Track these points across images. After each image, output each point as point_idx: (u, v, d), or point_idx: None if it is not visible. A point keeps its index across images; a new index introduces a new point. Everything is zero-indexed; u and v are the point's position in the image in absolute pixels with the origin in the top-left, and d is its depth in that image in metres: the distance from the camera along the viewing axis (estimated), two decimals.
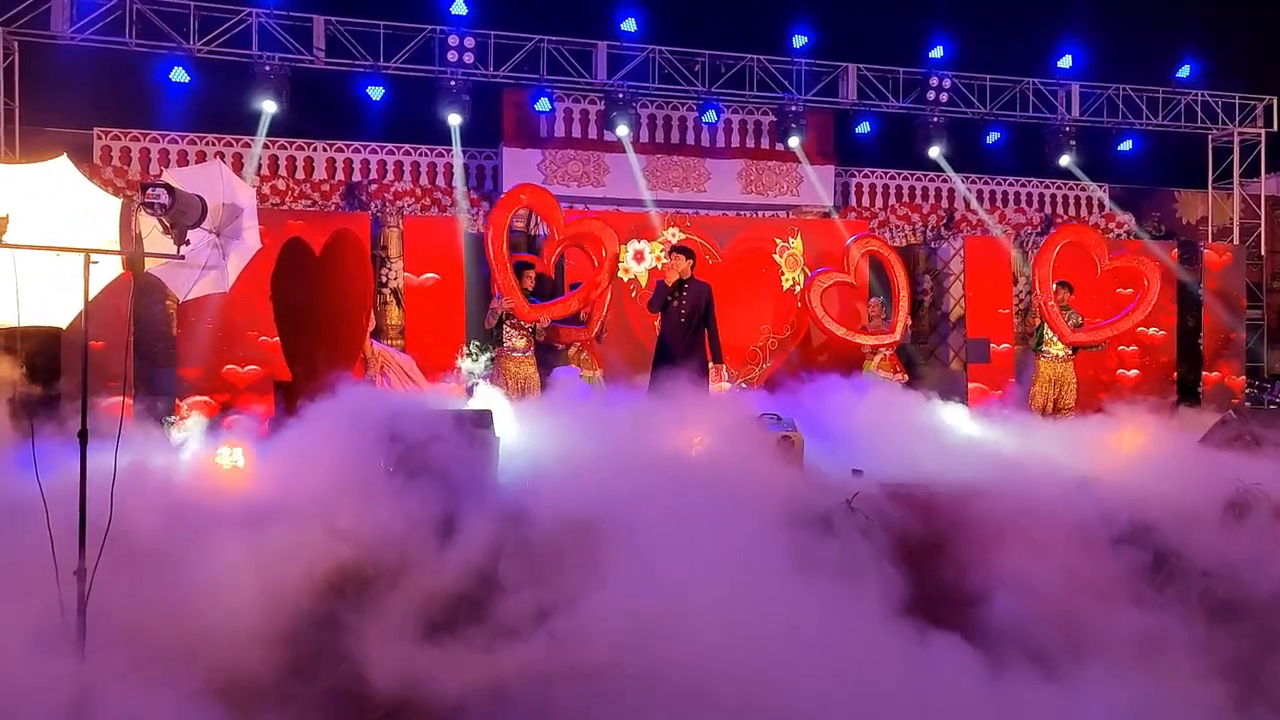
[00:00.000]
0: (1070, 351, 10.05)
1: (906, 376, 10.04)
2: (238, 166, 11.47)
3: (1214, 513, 5.56)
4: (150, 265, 4.20)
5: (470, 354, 9.30)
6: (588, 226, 9.54)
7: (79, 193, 4.42)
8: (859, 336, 10.42)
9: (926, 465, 6.50)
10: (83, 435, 4.00)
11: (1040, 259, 10.23)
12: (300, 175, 11.89)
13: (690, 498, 5.18)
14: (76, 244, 4.04)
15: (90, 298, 4.17)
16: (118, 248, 4.22)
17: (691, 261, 7.82)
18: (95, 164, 11.07)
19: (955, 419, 8.27)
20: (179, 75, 10.22)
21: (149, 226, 4.05)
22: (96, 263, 4.12)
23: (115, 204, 4.46)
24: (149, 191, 3.87)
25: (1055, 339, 9.91)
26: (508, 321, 8.56)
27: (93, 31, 9.92)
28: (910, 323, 10.35)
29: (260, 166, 11.71)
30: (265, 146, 11.65)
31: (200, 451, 6.53)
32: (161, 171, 10.61)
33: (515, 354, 8.50)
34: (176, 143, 11.46)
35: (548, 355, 9.11)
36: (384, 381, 8.26)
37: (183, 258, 4.00)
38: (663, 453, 5.93)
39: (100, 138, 11.29)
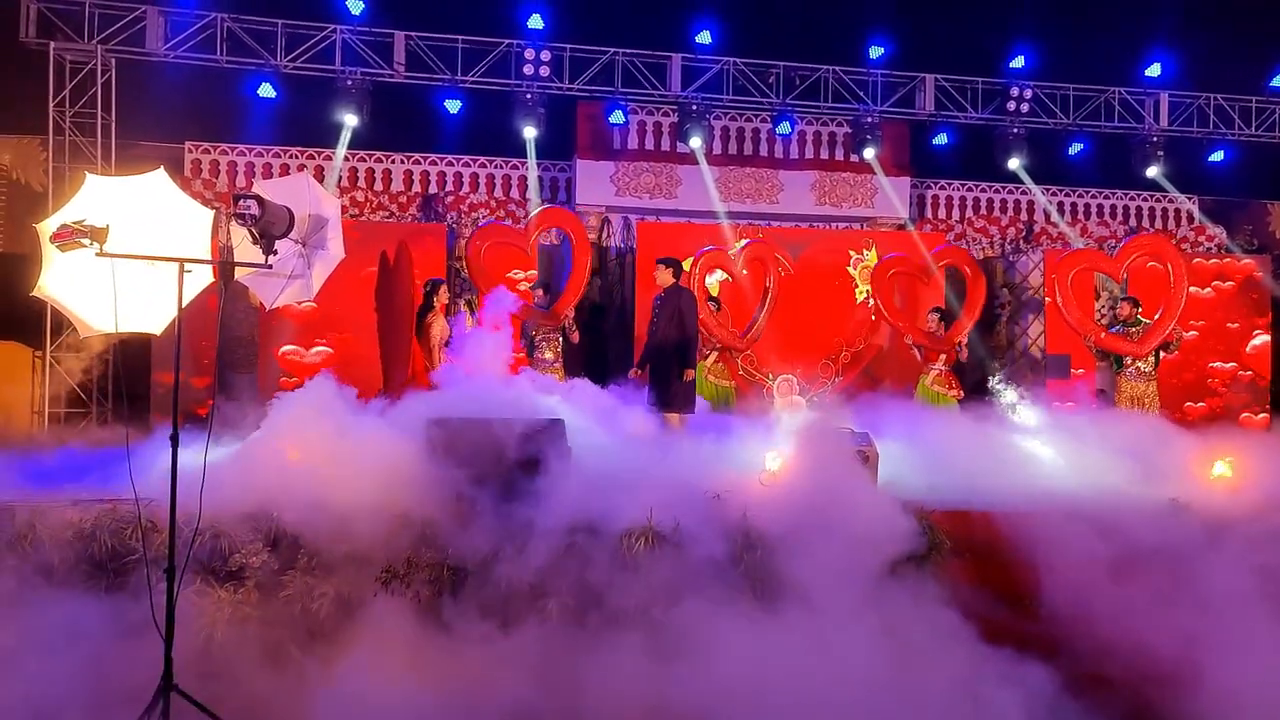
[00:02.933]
0: (1150, 369, 9.67)
1: (962, 394, 9.75)
2: (319, 179, 11.76)
3: None
4: (240, 274, 4.29)
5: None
6: (556, 216, 9.98)
7: (174, 204, 4.53)
8: (915, 334, 10.10)
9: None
10: (174, 438, 4.10)
11: (1063, 296, 9.78)
12: (379, 187, 12.12)
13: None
14: (171, 254, 4.14)
15: (184, 306, 4.28)
16: (210, 257, 4.33)
17: (673, 270, 7.82)
18: (185, 177, 11.45)
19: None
20: (266, 91, 10.51)
21: (239, 237, 4.12)
22: (190, 272, 4.22)
23: (208, 215, 4.58)
24: (240, 203, 3.94)
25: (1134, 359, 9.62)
26: (536, 336, 8.88)
27: (185, 49, 10.26)
28: (965, 341, 10.07)
29: (340, 178, 11.98)
30: (346, 159, 11.92)
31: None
32: (249, 183, 10.96)
33: (543, 364, 8.76)
34: (262, 155, 11.79)
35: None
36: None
37: (270, 267, 4.06)
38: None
39: (191, 151, 11.68)
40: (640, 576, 4.71)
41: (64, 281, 4.29)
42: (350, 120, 10.62)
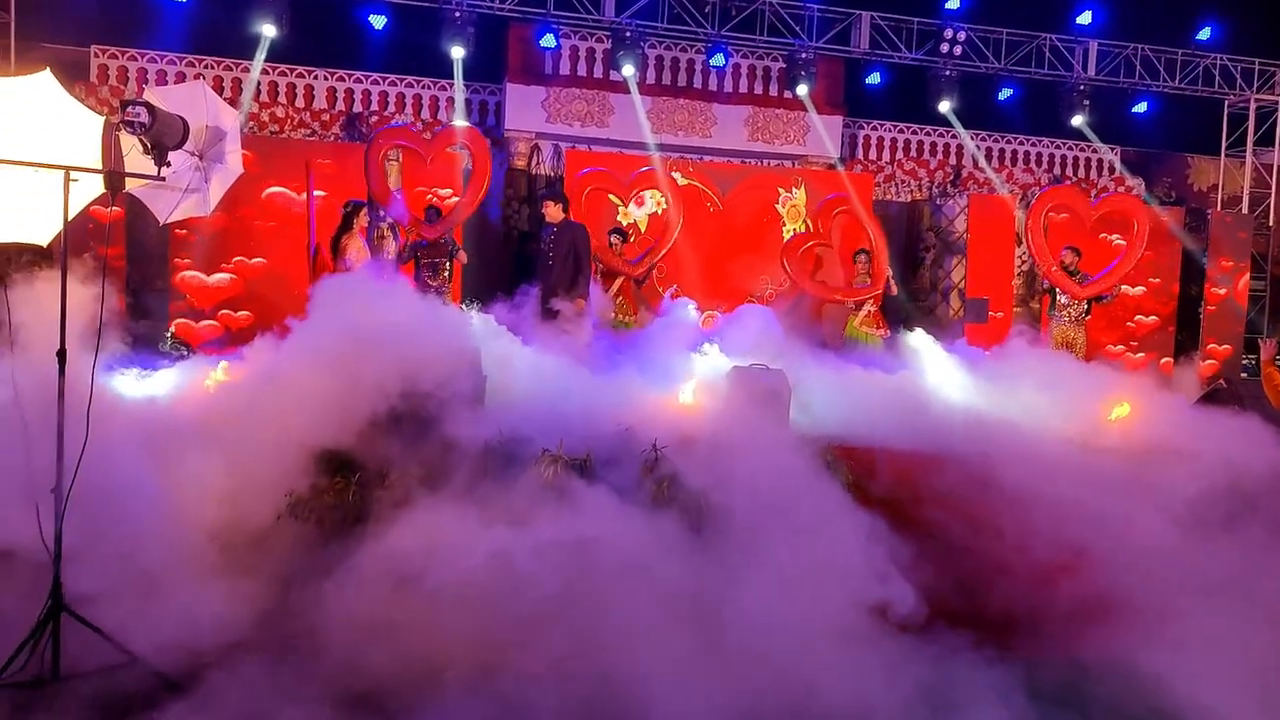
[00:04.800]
0: (1083, 314, 10.10)
1: (889, 333, 10.01)
2: (237, 91, 11.29)
3: None
4: (131, 186, 4.13)
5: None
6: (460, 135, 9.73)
7: (62, 109, 4.32)
8: (839, 294, 10.38)
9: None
10: (61, 354, 3.97)
11: (1033, 224, 10.24)
12: (300, 103, 11.69)
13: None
14: (57, 161, 3.96)
15: (71, 216, 4.11)
16: (99, 166, 4.15)
17: (563, 205, 7.88)
18: (91, 82, 10.88)
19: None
20: None
21: (129, 146, 3.96)
22: (76, 180, 4.04)
23: (98, 121, 4.38)
24: (129, 110, 3.77)
25: (1070, 302, 10.01)
26: (422, 258, 8.58)
27: None
28: (890, 273, 10.30)
29: (260, 92, 11.52)
30: (266, 72, 11.45)
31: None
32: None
33: (427, 288, 8.41)
34: (175, 64, 11.26)
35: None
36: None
37: (163, 179, 3.91)
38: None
39: (97, 55, 11.08)
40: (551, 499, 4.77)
41: None
42: (268, 31, 10.17)
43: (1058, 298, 10.19)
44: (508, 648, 3.69)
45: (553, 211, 7.85)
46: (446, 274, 8.70)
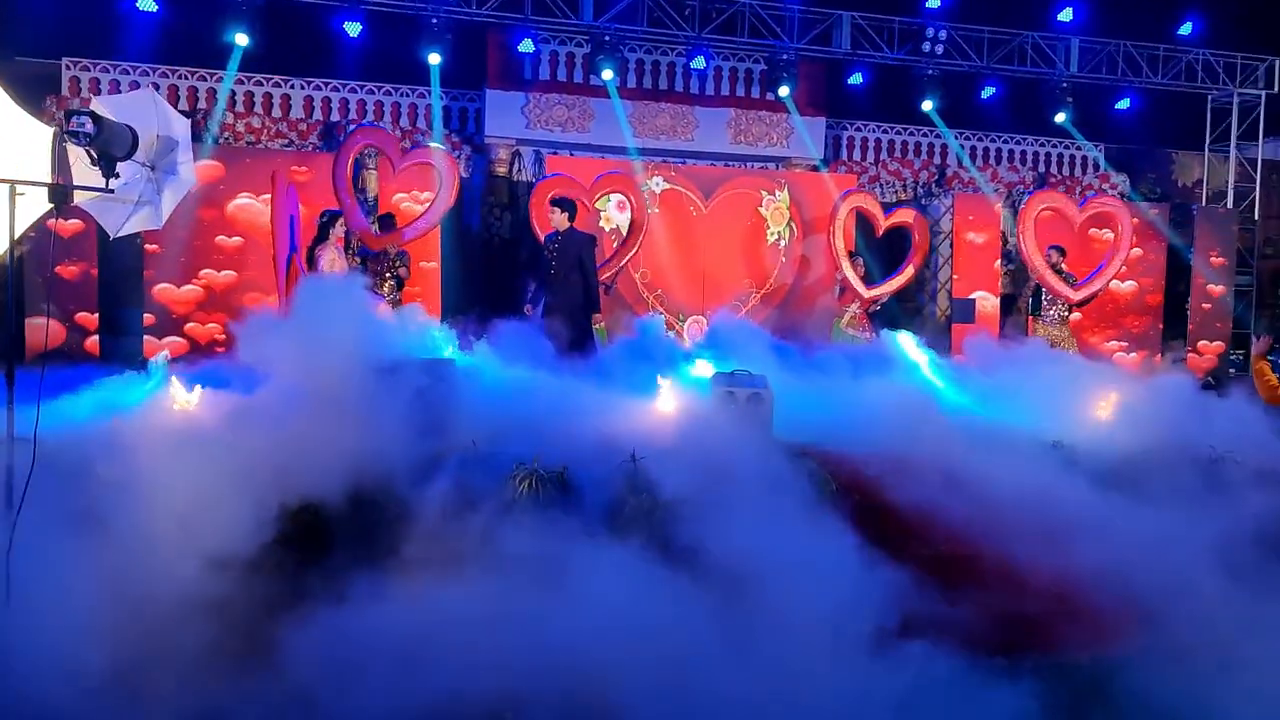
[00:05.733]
0: (1065, 315, 10.11)
1: (874, 335, 9.92)
2: (211, 101, 11.11)
3: None
4: (81, 199, 3.97)
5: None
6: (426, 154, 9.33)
7: (9, 120, 4.16)
8: (869, 291, 10.55)
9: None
10: (9, 374, 3.82)
11: (1023, 229, 10.24)
12: (277, 113, 11.52)
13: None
14: (5, 174, 3.81)
15: (19, 231, 3.95)
16: (49, 179, 3.99)
17: (568, 214, 7.74)
18: (64, 95, 10.69)
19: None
20: (146, 3, 9.80)
21: (76, 158, 3.80)
22: (23, 194, 3.89)
23: (47, 133, 4.22)
24: (73, 120, 3.62)
25: (1054, 302, 9.99)
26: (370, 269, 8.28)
27: None
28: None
29: (235, 102, 11.35)
30: (241, 82, 11.28)
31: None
32: None
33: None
34: (148, 75, 11.07)
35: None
36: None
37: (112, 191, 3.76)
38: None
39: (69, 68, 10.89)
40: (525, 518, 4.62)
41: None
42: (240, 40, 10.00)
43: (1042, 298, 10.16)
44: None
45: (558, 219, 7.70)
46: (391, 288, 8.42)
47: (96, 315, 9.36)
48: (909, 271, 10.78)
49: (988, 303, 12.24)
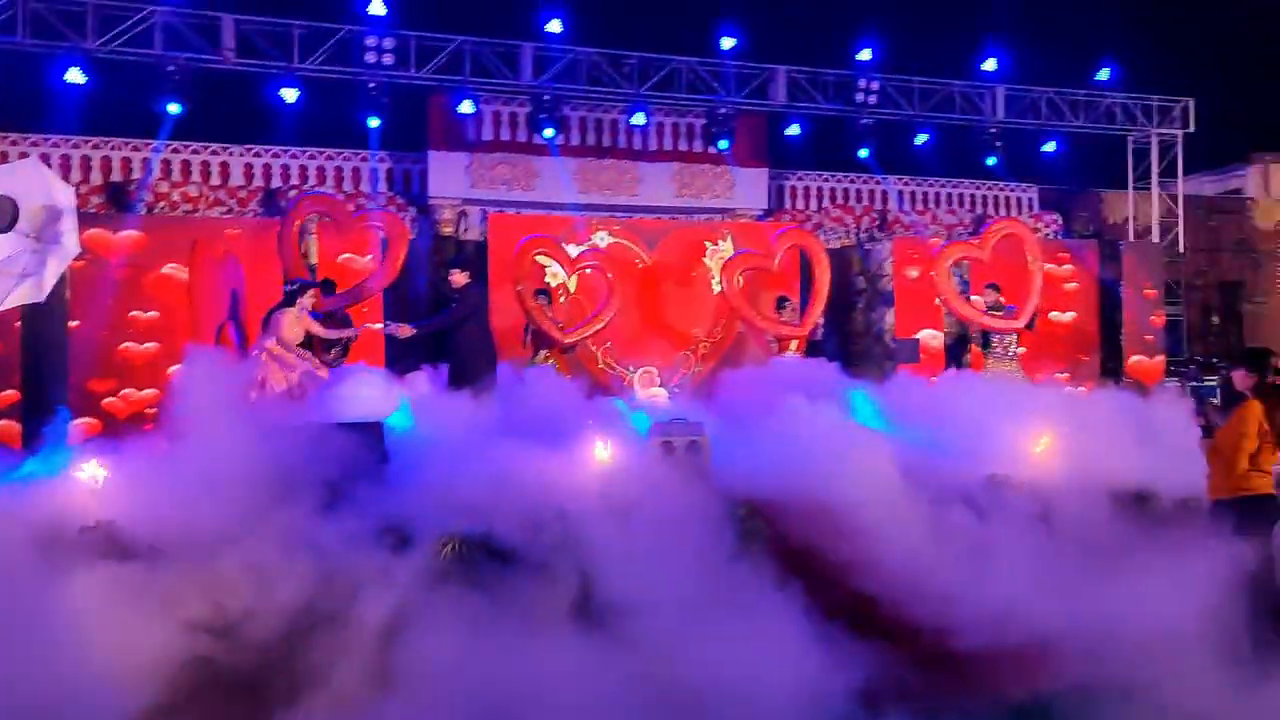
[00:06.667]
0: (1013, 349, 10.15)
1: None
2: (145, 171, 10.85)
3: None
4: None
5: None
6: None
7: None
8: (769, 326, 10.31)
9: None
10: None
11: (940, 283, 10.32)
12: (216, 181, 11.29)
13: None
14: None
15: None
16: None
17: (466, 273, 8.08)
18: None
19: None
20: (75, 77, 9.57)
21: None
22: None
23: None
24: None
25: (1001, 338, 10.04)
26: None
27: None
28: (820, 321, 10.30)
29: (171, 171, 11.10)
30: (177, 151, 11.09)
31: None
32: (66, 179, 9.96)
33: None
34: (79, 147, 10.83)
35: None
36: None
37: None
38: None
39: None
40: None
41: None
42: (173, 109, 9.82)
43: (990, 335, 10.23)
44: None
45: (459, 278, 7.88)
46: (337, 353, 8.20)
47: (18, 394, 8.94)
48: (819, 295, 10.43)
49: (935, 341, 12.39)
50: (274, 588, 4.05)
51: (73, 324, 8.89)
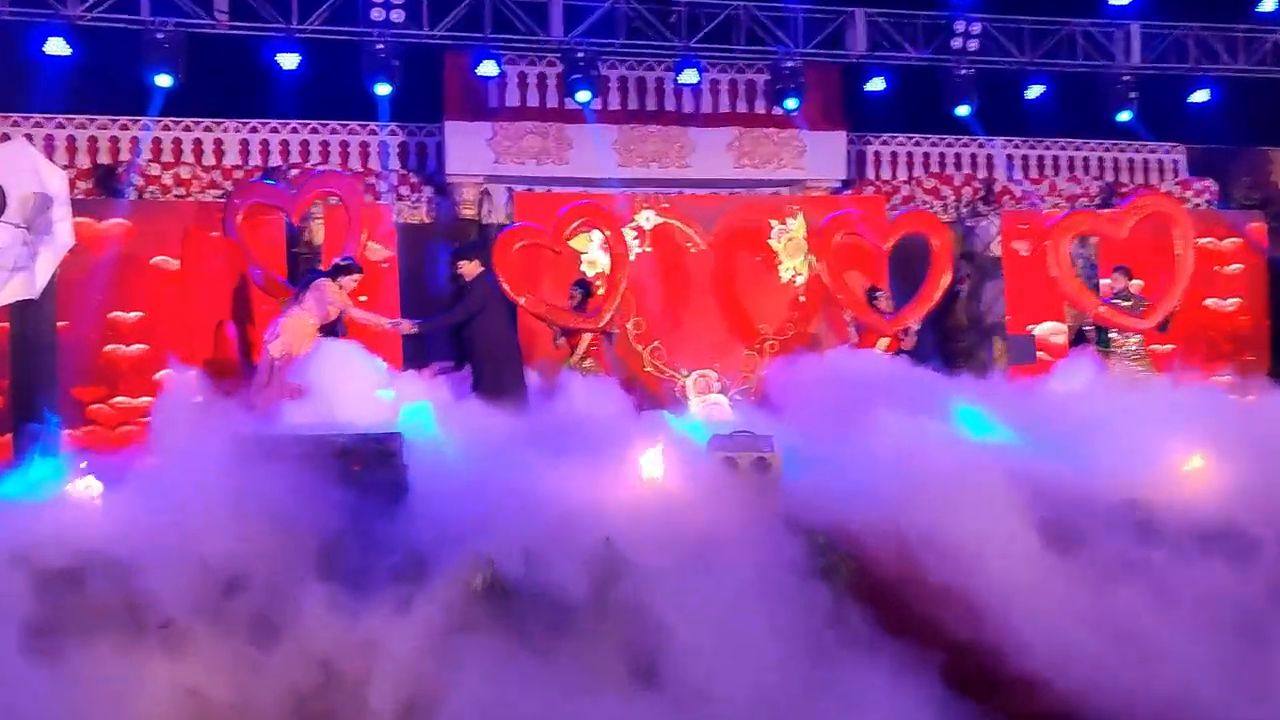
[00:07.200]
0: (1140, 346, 10.13)
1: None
2: (134, 151, 11.70)
3: None
4: None
5: None
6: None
7: None
8: (870, 319, 10.50)
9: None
10: None
11: (1057, 262, 10.21)
12: (209, 160, 11.99)
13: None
14: None
15: None
16: None
17: (479, 259, 8.74)
18: None
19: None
20: (57, 47, 10.38)
21: None
22: None
23: None
24: None
25: (1122, 334, 10.06)
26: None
27: None
28: (915, 328, 10.51)
29: (162, 151, 11.90)
30: (167, 128, 11.66)
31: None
32: (50, 159, 10.87)
33: None
34: (64, 126, 11.50)
35: None
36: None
37: None
38: None
39: None
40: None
41: None
42: (164, 81, 10.51)
43: (1108, 333, 10.24)
44: None
45: (470, 268, 8.46)
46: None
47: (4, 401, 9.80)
48: (938, 283, 10.64)
49: (1056, 337, 12.44)
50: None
51: (61, 324, 9.70)
